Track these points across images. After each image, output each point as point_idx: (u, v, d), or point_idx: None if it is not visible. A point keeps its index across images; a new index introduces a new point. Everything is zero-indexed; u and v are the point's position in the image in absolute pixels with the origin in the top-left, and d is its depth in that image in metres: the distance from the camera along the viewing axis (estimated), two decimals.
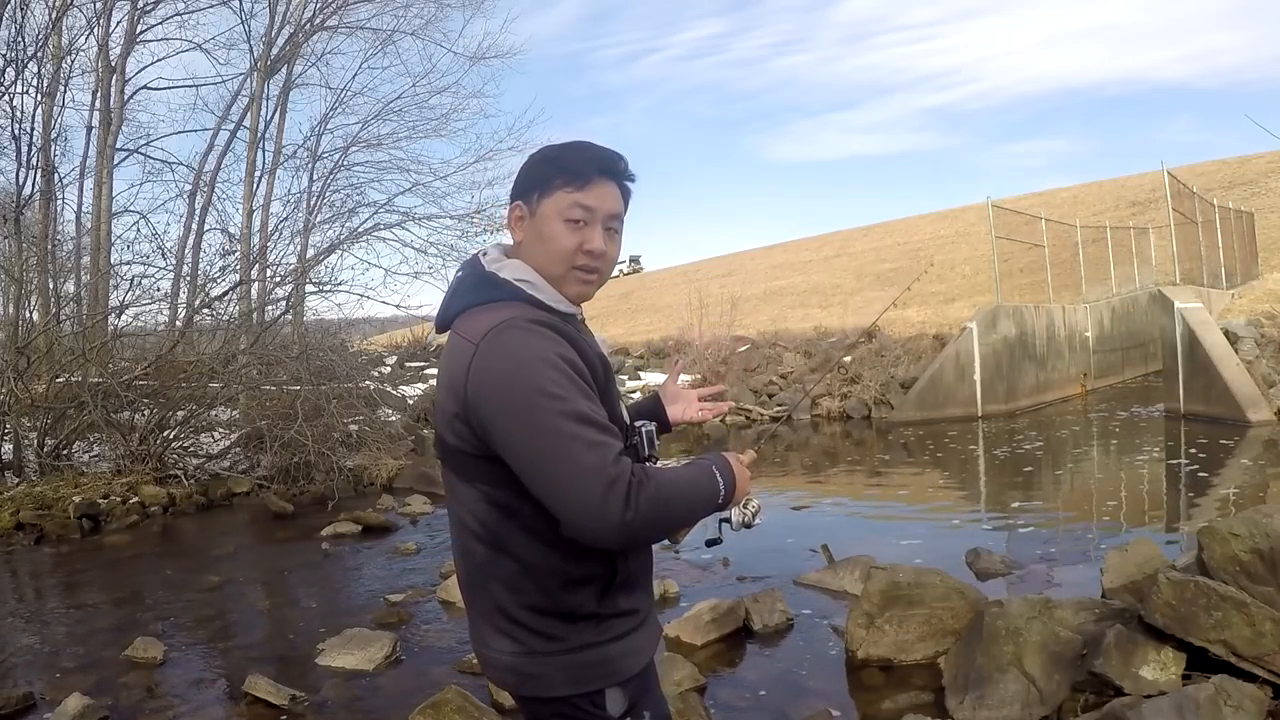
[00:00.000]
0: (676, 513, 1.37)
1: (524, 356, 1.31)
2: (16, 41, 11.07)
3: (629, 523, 1.26)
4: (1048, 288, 15.65)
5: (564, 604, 1.40)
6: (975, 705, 3.28)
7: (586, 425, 1.29)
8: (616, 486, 1.26)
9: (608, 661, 1.43)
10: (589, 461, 1.27)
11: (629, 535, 1.28)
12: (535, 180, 1.47)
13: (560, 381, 1.30)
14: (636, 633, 1.48)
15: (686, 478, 1.40)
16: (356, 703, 3.86)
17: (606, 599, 1.43)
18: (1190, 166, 31.45)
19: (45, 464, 8.92)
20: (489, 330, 1.35)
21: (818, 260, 37.74)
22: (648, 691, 1.50)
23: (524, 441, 1.30)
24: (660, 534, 1.38)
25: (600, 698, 1.42)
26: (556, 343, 1.34)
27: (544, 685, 1.42)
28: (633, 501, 1.26)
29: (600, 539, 1.29)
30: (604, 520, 1.26)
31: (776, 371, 16.60)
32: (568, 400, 1.29)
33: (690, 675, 3.67)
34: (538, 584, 1.40)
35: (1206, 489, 7.70)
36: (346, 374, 10.61)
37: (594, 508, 1.26)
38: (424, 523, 7.83)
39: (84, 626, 5.10)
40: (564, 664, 1.40)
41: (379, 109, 16.62)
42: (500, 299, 1.42)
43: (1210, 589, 3.06)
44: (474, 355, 1.34)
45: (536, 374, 1.30)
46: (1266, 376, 10.83)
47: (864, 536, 6.46)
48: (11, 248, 11.63)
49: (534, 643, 1.41)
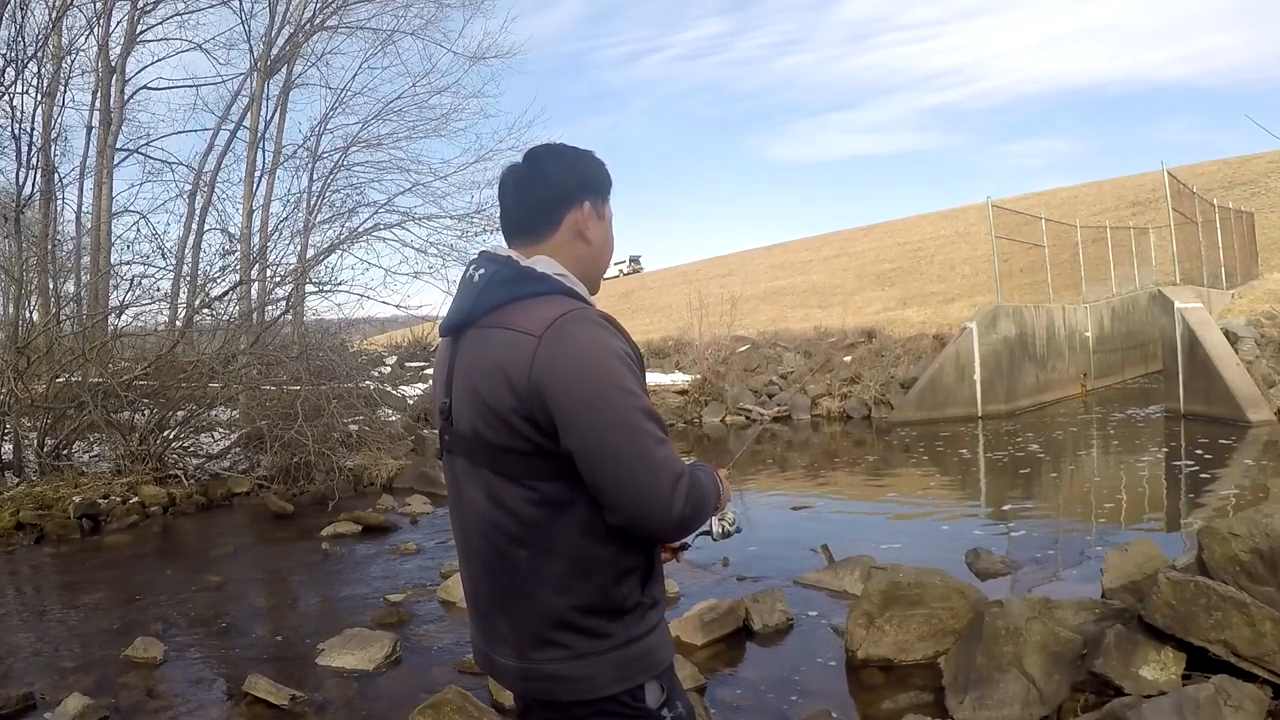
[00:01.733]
0: (706, 511, 1.44)
1: (597, 351, 1.33)
2: (16, 41, 11.08)
3: (685, 516, 1.35)
4: (1048, 288, 15.66)
5: (613, 598, 1.39)
6: (975, 705, 3.28)
7: (654, 422, 1.35)
8: (682, 481, 1.34)
9: (650, 653, 1.43)
10: (660, 456, 1.32)
11: (683, 527, 1.37)
12: (603, 182, 1.52)
13: (630, 377, 1.34)
14: (664, 622, 1.50)
15: (709, 480, 1.47)
16: (356, 703, 3.86)
17: (647, 589, 1.44)
18: (1190, 166, 31.44)
19: (45, 464, 8.92)
20: (552, 322, 1.33)
21: (818, 260, 37.74)
22: (676, 682, 1.51)
23: (602, 434, 1.31)
24: (694, 530, 1.45)
25: (640, 691, 1.42)
26: (619, 337, 1.37)
27: (592, 686, 1.39)
28: (690, 497, 1.35)
29: (660, 529, 1.36)
30: (670, 512, 1.32)
31: (776, 371, 16.60)
32: (640, 396, 1.34)
33: (690, 675, 3.67)
34: (591, 580, 1.38)
35: (1206, 489, 7.70)
36: (346, 374, 10.62)
37: (663, 500, 1.32)
38: (424, 523, 7.83)
39: (84, 626, 5.10)
40: (613, 661, 1.39)
41: (379, 109, 16.66)
42: (546, 292, 1.40)
43: (1210, 589, 3.06)
44: (538, 347, 1.32)
45: (611, 368, 1.32)
46: (1266, 376, 10.83)
47: (864, 536, 6.46)
48: (11, 248, 11.64)
49: (582, 644, 1.38)
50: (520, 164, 1.53)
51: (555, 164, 1.50)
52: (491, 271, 1.44)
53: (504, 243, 1.54)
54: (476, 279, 1.44)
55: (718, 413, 15.13)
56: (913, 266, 30.11)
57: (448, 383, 1.48)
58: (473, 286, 1.44)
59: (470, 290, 1.44)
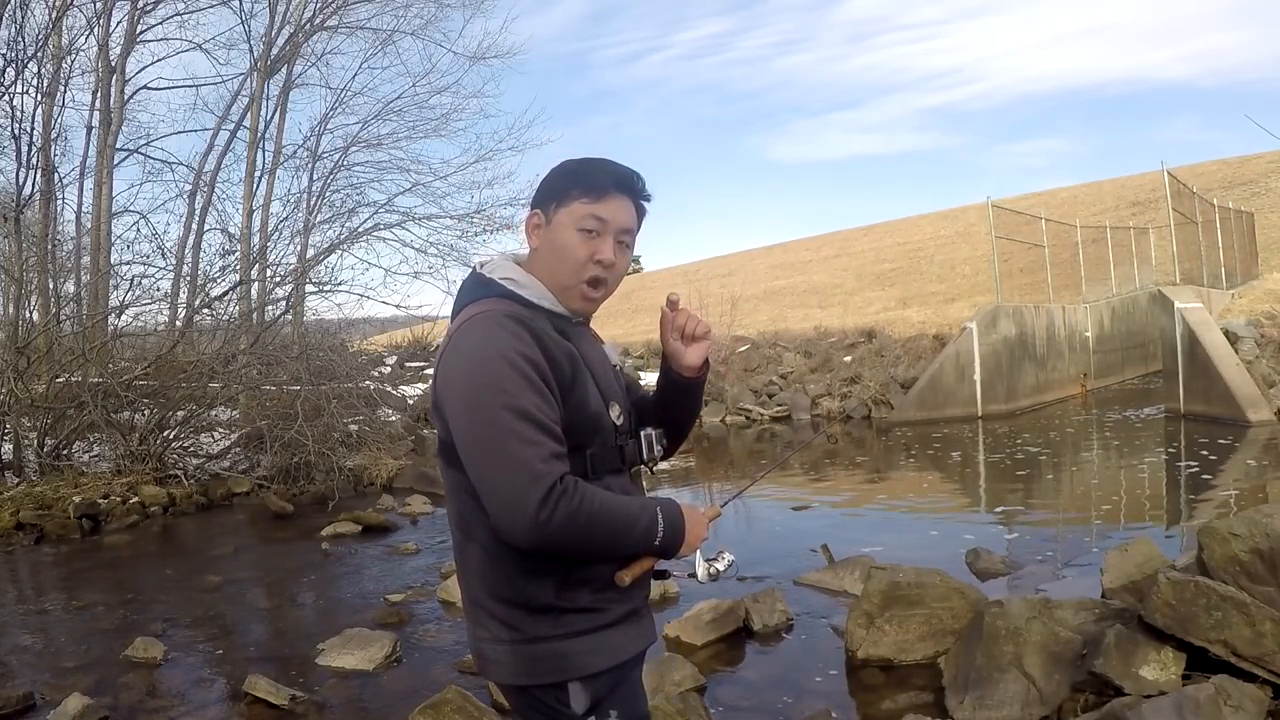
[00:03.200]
0: (597, 535, 1.36)
1: (483, 350, 1.36)
2: (16, 41, 11.09)
3: (542, 523, 1.28)
4: (1048, 288, 15.66)
5: (523, 593, 1.42)
6: (975, 705, 3.28)
7: (527, 422, 1.32)
8: (538, 485, 1.29)
9: (562, 657, 1.43)
10: (520, 456, 1.30)
11: (542, 537, 1.30)
12: (554, 190, 1.52)
13: (511, 377, 1.34)
14: (605, 631, 1.46)
15: (621, 507, 1.39)
16: (356, 703, 3.86)
17: (564, 593, 1.42)
18: (1190, 166, 31.42)
19: (45, 464, 8.92)
20: (461, 324, 1.43)
21: (818, 260, 37.71)
22: (617, 690, 1.48)
23: (467, 430, 1.35)
24: (577, 548, 1.37)
25: (563, 692, 1.44)
26: (516, 338, 1.37)
27: (502, 672, 1.47)
28: (550, 504, 1.29)
29: (516, 534, 1.31)
30: (521, 513, 1.29)
31: (776, 371, 16.60)
32: (514, 395, 1.33)
33: (690, 675, 3.67)
34: (499, 570, 1.43)
35: (1206, 489, 7.70)
36: (346, 374, 10.63)
37: (513, 501, 1.30)
38: (424, 523, 7.83)
39: (84, 626, 5.10)
40: (519, 653, 1.44)
41: (379, 109, 16.63)
42: (486, 296, 1.48)
43: (1210, 589, 3.06)
44: (445, 347, 1.44)
45: (490, 367, 1.34)
46: (1266, 376, 10.83)
47: (864, 536, 6.46)
48: (11, 248, 11.63)
49: (498, 630, 1.45)
50: None
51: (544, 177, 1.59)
52: (465, 278, 1.58)
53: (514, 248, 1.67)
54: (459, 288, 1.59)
55: (718, 413, 15.13)
56: (913, 266, 30.10)
57: None
58: None
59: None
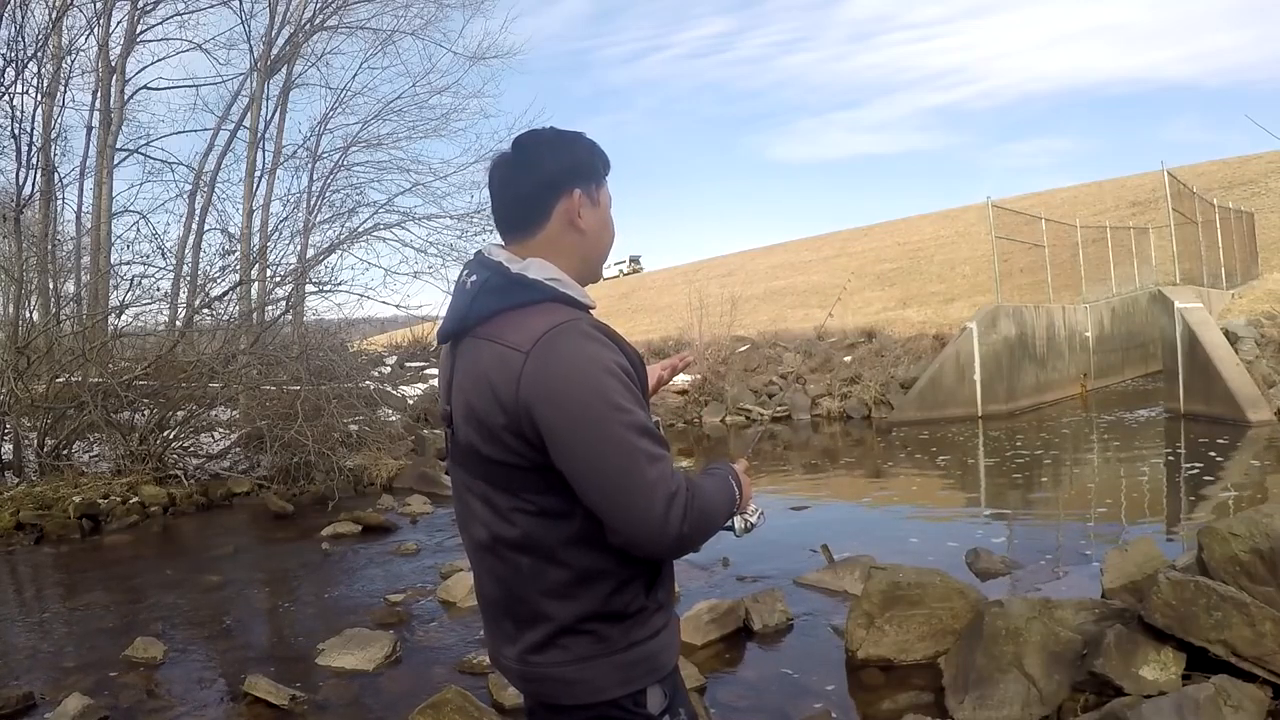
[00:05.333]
0: (714, 522, 1.40)
1: (585, 366, 1.28)
2: (16, 41, 11.07)
3: (684, 535, 1.29)
4: (1048, 288, 15.65)
5: (615, 605, 1.37)
6: (975, 705, 3.28)
7: (648, 438, 1.29)
8: (677, 500, 1.28)
9: (651, 657, 1.41)
10: (653, 475, 1.27)
11: (682, 546, 1.31)
12: (595, 168, 1.45)
13: (622, 392, 1.28)
14: (670, 626, 1.47)
15: (718, 489, 1.43)
16: (356, 703, 3.86)
17: (651, 594, 1.42)
18: (1191, 166, 31.40)
19: (45, 464, 8.92)
20: (541, 336, 1.29)
21: (818, 260, 37.70)
22: (680, 688, 1.49)
23: (591, 454, 1.27)
24: (701, 543, 1.39)
25: (642, 696, 1.40)
26: (612, 349, 1.32)
27: (594, 690, 1.38)
28: (689, 514, 1.29)
29: (656, 550, 1.31)
30: (664, 533, 1.27)
31: (776, 371, 16.60)
32: (632, 412, 1.28)
33: (690, 675, 3.66)
34: (592, 589, 1.36)
35: (1206, 489, 7.69)
36: (346, 374, 10.64)
37: (656, 521, 1.26)
38: (424, 523, 7.83)
39: (84, 626, 5.10)
40: (614, 665, 1.38)
41: (379, 109, 16.65)
42: (536, 300, 1.35)
43: (1210, 589, 3.06)
44: (525, 363, 1.28)
45: (600, 384, 1.27)
46: (1266, 376, 10.82)
47: (864, 536, 6.45)
48: (11, 248, 11.62)
49: (583, 648, 1.37)
50: (507, 153, 1.45)
51: (543, 152, 1.42)
52: (483, 279, 1.38)
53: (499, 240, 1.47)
54: (469, 285, 1.40)
55: (718, 413, 15.13)
56: (913, 266, 30.10)
57: (449, 390, 1.45)
58: (465, 294, 1.40)
59: (463, 297, 1.40)
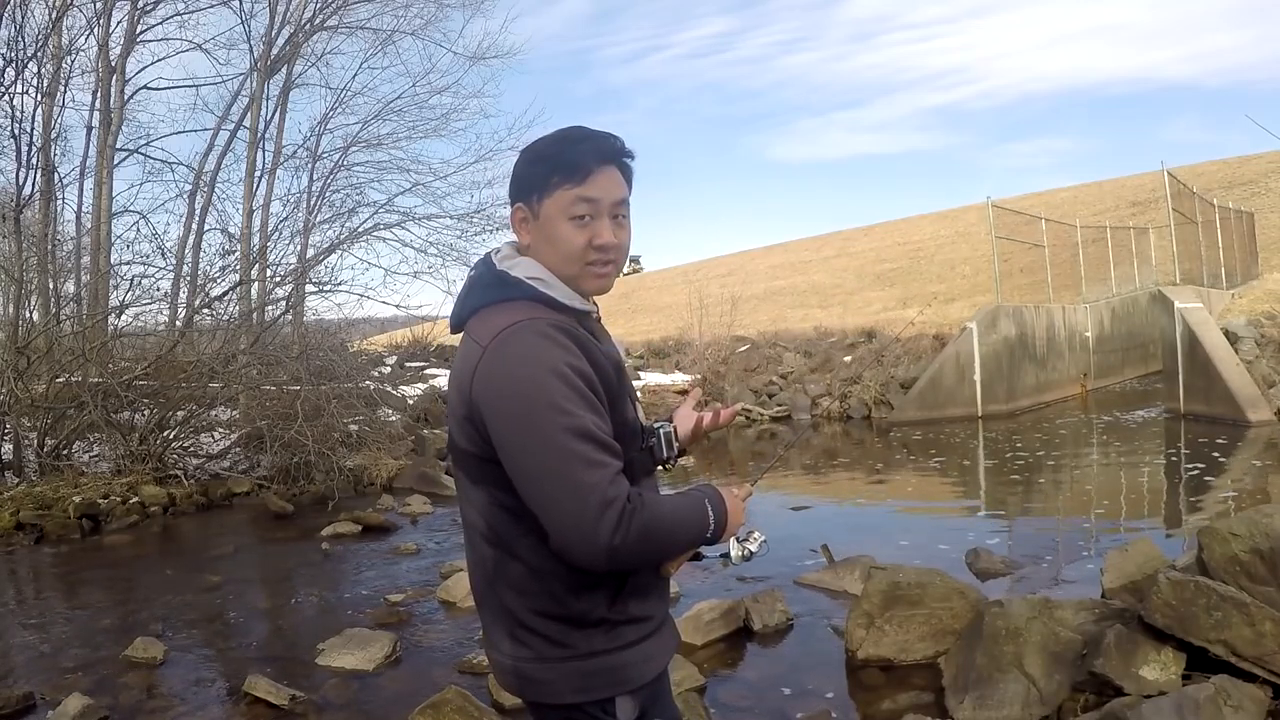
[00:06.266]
0: (664, 545, 1.35)
1: (532, 365, 1.28)
2: (16, 41, 11.05)
3: (616, 547, 1.24)
4: (1048, 288, 15.66)
5: (573, 609, 1.37)
6: (975, 705, 3.28)
7: (589, 442, 1.26)
8: (611, 509, 1.24)
9: (617, 669, 1.39)
10: (588, 480, 1.24)
11: (614, 559, 1.26)
12: (533, 180, 1.41)
13: (567, 394, 1.27)
14: (649, 640, 1.44)
15: (679, 509, 1.38)
16: (356, 703, 3.86)
17: (617, 605, 1.39)
18: (1190, 166, 31.41)
19: (45, 464, 8.92)
20: (499, 333, 1.31)
21: (818, 260, 37.71)
22: (659, 699, 1.48)
23: (524, 453, 1.27)
24: (645, 562, 1.36)
25: (610, 705, 1.40)
26: (567, 350, 1.30)
27: (550, 692, 1.39)
28: (623, 526, 1.24)
29: (586, 560, 1.27)
30: (593, 542, 1.24)
31: (776, 371, 16.59)
32: (573, 415, 1.26)
33: (690, 675, 3.67)
34: (546, 588, 1.36)
35: (1206, 489, 7.69)
36: (346, 374, 10.63)
37: (585, 528, 1.24)
38: (424, 523, 7.83)
39: (84, 626, 5.10)
40: (572, 670, 1.37)
41: (379, 109, 16.59)
42: (512, 298, 1.38)
43: (1210, 589, 3.06)
44: (480, 358, 1.32)
45: (543, 385, 1.26)
46: (1266, 376, 10.82)
47: (864, 536, 6.45)
48: (11, 248, 11.61)
49: (543, 648, 1.38)
50: None
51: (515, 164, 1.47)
52: (476, 274, 1.46)
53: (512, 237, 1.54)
54: (466, 281, 1.48)
55: None
56: (913, 266, 30.12)
57: None
58: (462, 289, 1.47)
59: (461, 292, 1.48)
